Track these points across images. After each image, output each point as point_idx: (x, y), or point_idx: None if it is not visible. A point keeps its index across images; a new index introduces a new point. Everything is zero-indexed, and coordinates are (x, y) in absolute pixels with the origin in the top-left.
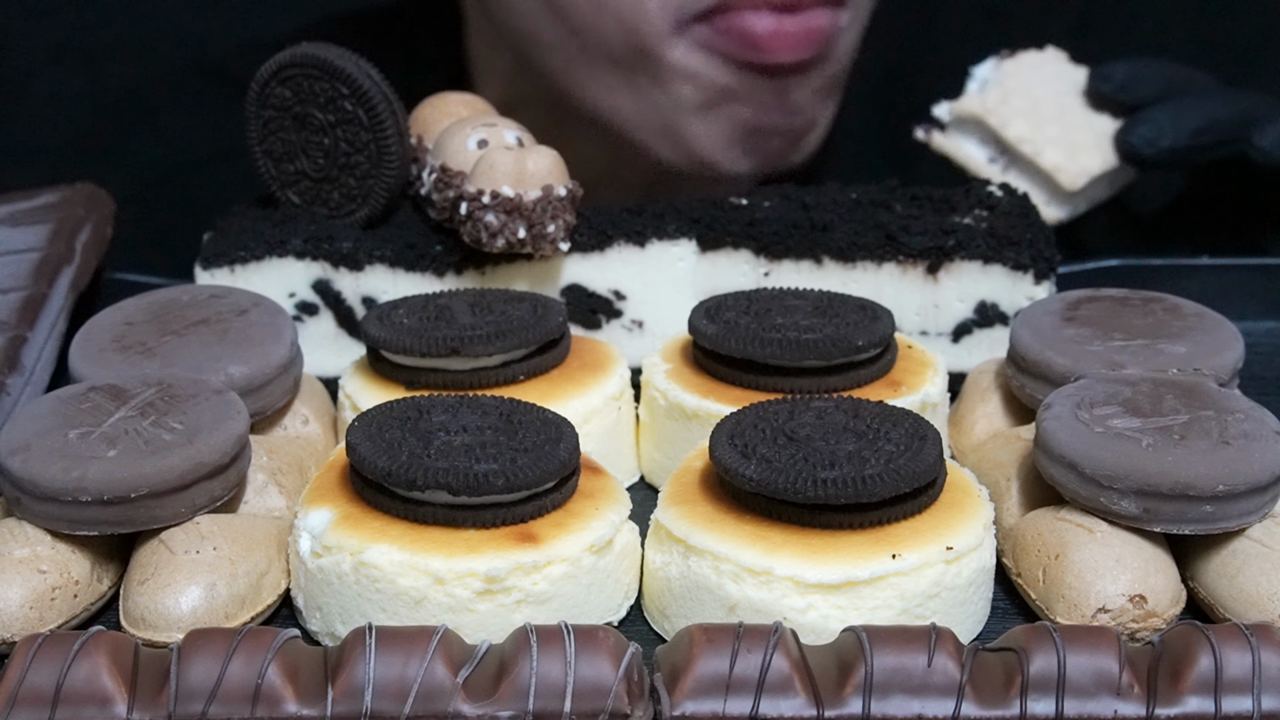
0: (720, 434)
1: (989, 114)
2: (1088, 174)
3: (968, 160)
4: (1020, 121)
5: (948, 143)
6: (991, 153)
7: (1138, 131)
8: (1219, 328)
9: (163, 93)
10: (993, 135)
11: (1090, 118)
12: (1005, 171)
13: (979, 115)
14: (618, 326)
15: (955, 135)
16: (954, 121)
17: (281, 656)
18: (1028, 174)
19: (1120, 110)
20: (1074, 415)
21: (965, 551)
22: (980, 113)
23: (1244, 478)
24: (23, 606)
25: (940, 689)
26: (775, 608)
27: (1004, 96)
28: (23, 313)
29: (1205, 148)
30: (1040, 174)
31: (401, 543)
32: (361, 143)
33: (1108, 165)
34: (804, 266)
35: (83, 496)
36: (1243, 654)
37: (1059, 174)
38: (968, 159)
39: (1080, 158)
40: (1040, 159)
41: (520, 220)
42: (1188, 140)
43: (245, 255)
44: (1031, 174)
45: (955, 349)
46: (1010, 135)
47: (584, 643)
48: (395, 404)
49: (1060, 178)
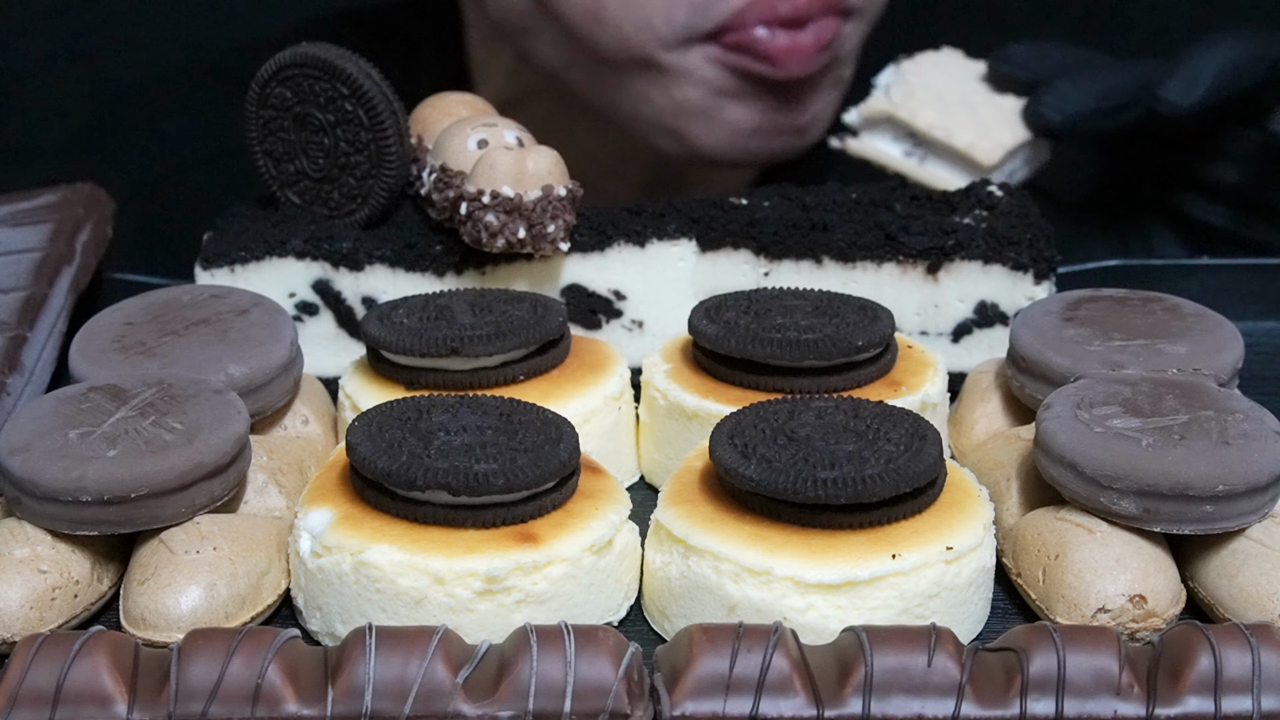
0: (720, 434)
1: (897, 109)
2: (1002, 147)
3: (885, 159)
4: (928, 110)
5: (863, 146)
6: (906, 147)
7: (1044, 101)
8: (1219, 328)
9: (163, 93)
10: (905, 129)
11: (995, 99)
12: (923, 163)
13: (888, 112)
14: (618, 326)
15: (868, 138)
16: (864, 124)
17: (281, 656)
18: (944, 159)
19: (1023, 89)
20: (1074, 415)
21: (965, 551)
22: (888, 109)
23: (1244, 478)
24: (23, 606)
25: (940, 689)
26: (775, 608)
27: (909, 92)
28: (23, 313)
29: (1112, 111)
30: (956, 156)
31: (401, 543)
32: (361, 143)
33: (1020, 138)
34: (804, 266)
35: (83, 496)
36: (1242, 654)
37: (974, 151)
38: (885, 158)
39: (992, 134)
40: (953, 140)
41: (520, 220)
42: (1094, 104)
43: (245, 255)
44: (948, 158)
45: (955, 349)
46: (921, 124)
47: (584, 643)
48: (395, 404)
49: (976, 155)
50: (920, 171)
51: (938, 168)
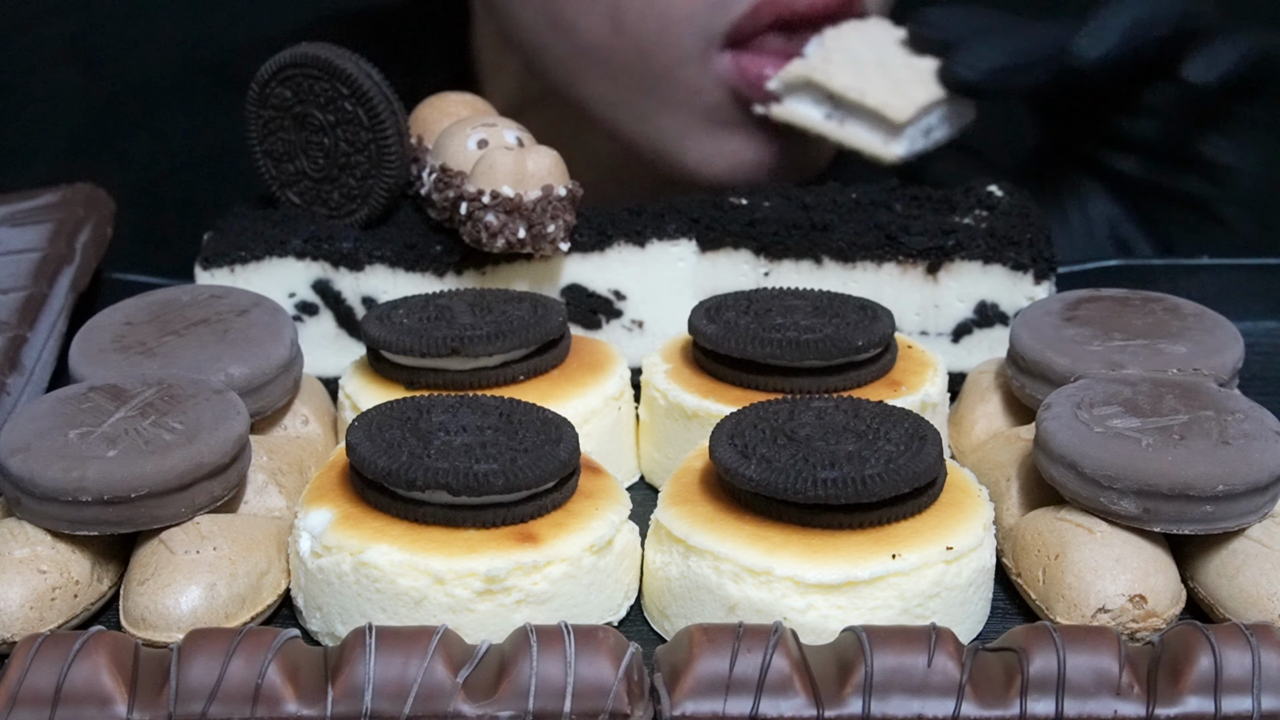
0: (720, 434)
1: (814, 72)
2: (915, 104)
3: (807, 123)
4: (843, 73)
5: (785, 111)
6: (826, 110)
7: (959, 60)
8: (1219, 328)
9: (164, 93)
10: (824, 92)
11: (911, 61)
12: (842, 124)
13: (805, 76)
14: (618, 326)
15: (790, 103)
16: (785, 89)
17: (281, 656)
18: (862, 119)
19: (940, 50)
20: (1074, 415)
21: (965, 551)
22: (806, 73)
23: (1244, 478)
24: (23, 606)
25: (940, 689)
26: (775, 608)
27: (827, 56)
28: (23, 313)
29: (1025, 67)
30: (871, 115)
31: (401, 543)
32: (361, 143)
33: (934, 96)
34: (804, 266)
35: (83, 496)
36: (1242, 654)
37: (886, 109)
38: (806, 122)
39: (905, 92)
40: (866, 100)
41: (520, 220)
42: (1007, 61)
43: (245, 255)
44: (864, 118)
45: (955, 349)
46: (836, 86)
47: (584, 643)
48: (395, 404)
49: (888, 112)
50: (841, 133)
51: (856, 128)
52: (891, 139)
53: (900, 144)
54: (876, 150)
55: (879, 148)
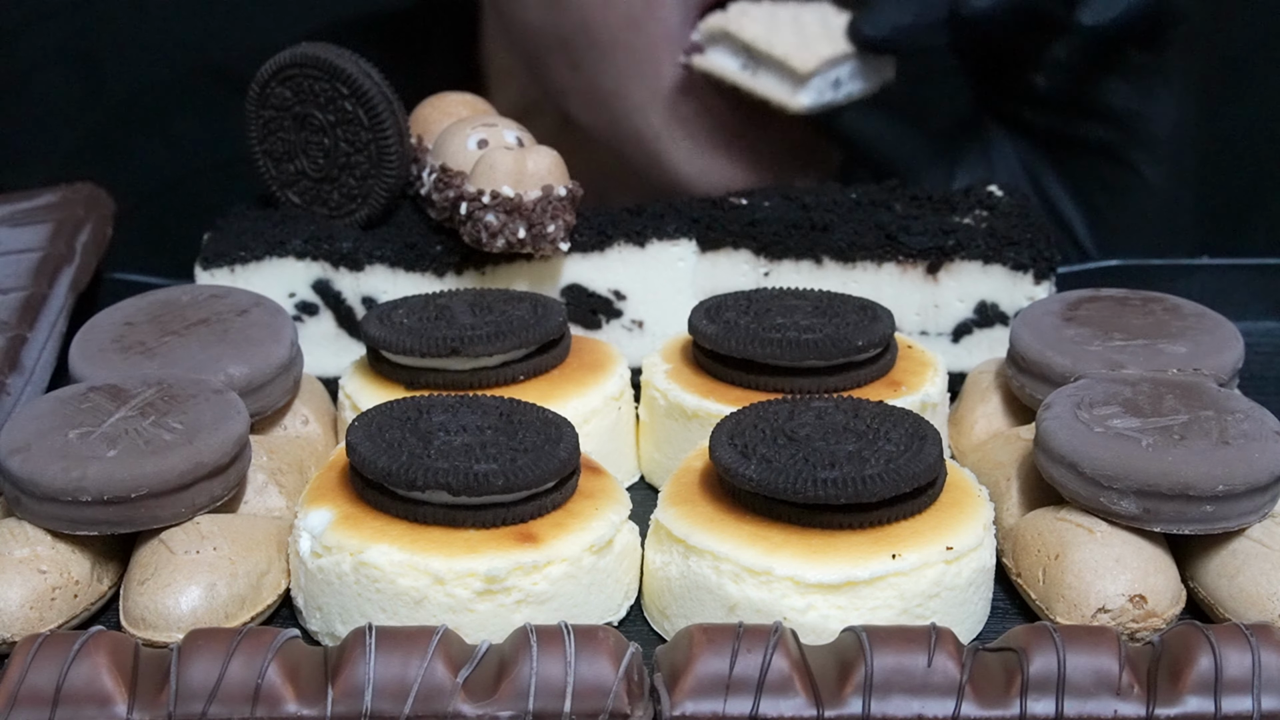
0: (720, 434)
1: (730, 23)
2: (819, 57)
3: (725, 73)
4: (755, 25)
5: (706, 61)
6: (742, 60)
7: (864, 17)
8: (1219, 328)
9: (165, 94)
10: (739, 44)
11: (826, 17)
12: (755, 75)
13: (724, 28)
14: (618, 326)
15: (711, 54)
16: (706, 40)
17: (281, 656)
18: (772, 70)
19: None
20: (1074, 415)
21: (965, 551)
22: (723, 24)
23: (1244, 478)
24: (23, 606)
25: (940, 689)
26: (775, 608)
27: (744, 9)
28: (23, 313)
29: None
30: (779, 65)
31: (401, 543)
32: (361, 143)
33: (839, 50)
34: (804, 266)
35: (83, 496)
36: (1243, 654)
37: (791, 60)
38: (725, 72)
39: (811, 45)
40: (774, 50)
41: (520, 220)
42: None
43: (245, 255)
44: (774, 68)
45: (955, 349)
46: (748, 37)
47: (584, 643)
48: (395, 404)
49: (793, 62)
50: (753, 83)
51: (767, 78)
52: (799, 89)
53: (806, 94)
54: (784, 99)
55: (786, 97)
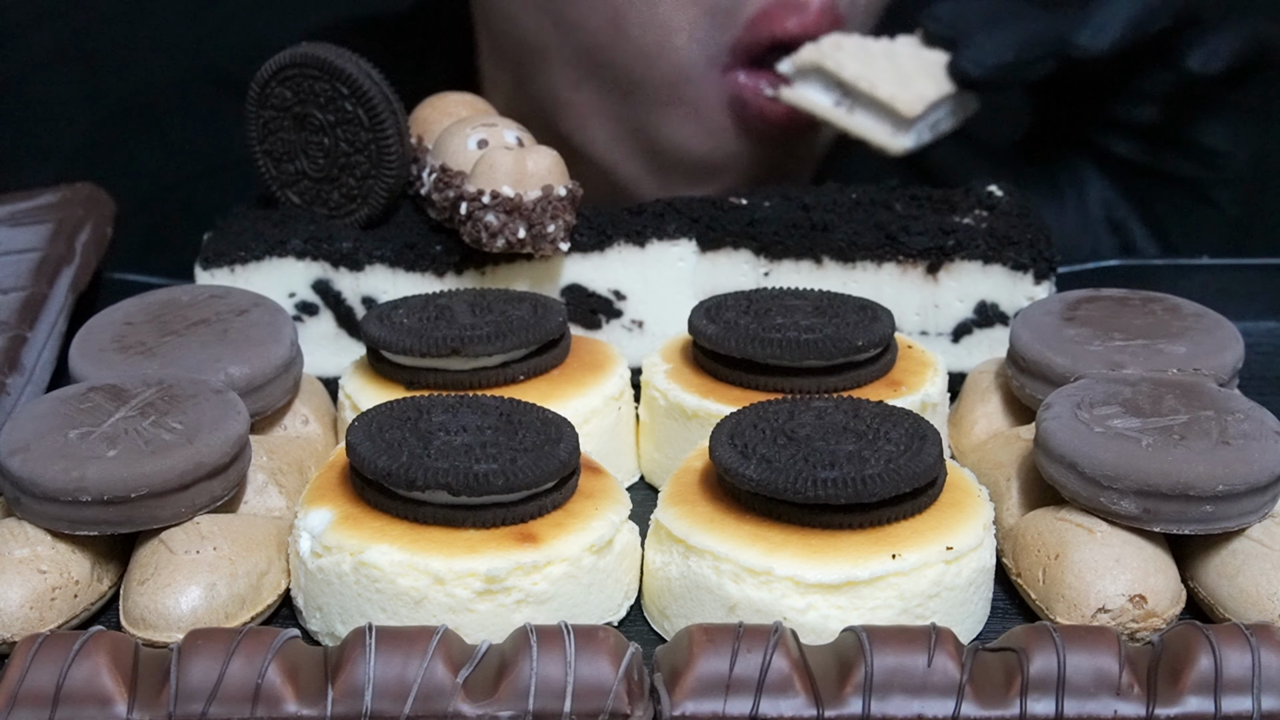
0: (720, 434)
1: (825, 59)
2: (924, 99)
3: (815, 108)
4: (854, 62)
5: (795, 95)
6: (836, 97)
7: (964, 55)
8: (1219, 328)
9: (166, 95)
10: (834, 80)
11: (920, 53)
12: (851, 113)
13: (816, 62)
14: (618, 326)
15: (800, 87)
16: (796, 73)
17: (281, 656)
18: (871, 110)
19: (947, 44)
20: (1074, 415)
21: (965, 551)
22: (817, 59)
23: (1244, 478)
24: (23, 606)
25: (940, 689)
26: (775, 608)
27: (838, 43)
28: (23, 313)
29: (1032, 62)
30: (880, 106)
31: (401, 543)
32: (361, 143)
33: (942, 91)
34: (804, 266)
35: (83, 496)
36: (1243, 654)
37: (896, 102)
38: (815, 107)
39: (914, 85)
40: (877, 91)
41: (520, 220)
42: (1011, 56)
43: (245, 255)
44: (874, 109)
45: (955, 349)
46: (847, 75)
47: (584, 643)
48: (395, 404)
49: (898, 105)
50: (848, 121)
51: (864, 118)
52: (900, 132)
53: (908, 137)
54: (883, 141)
55: (885, 139)
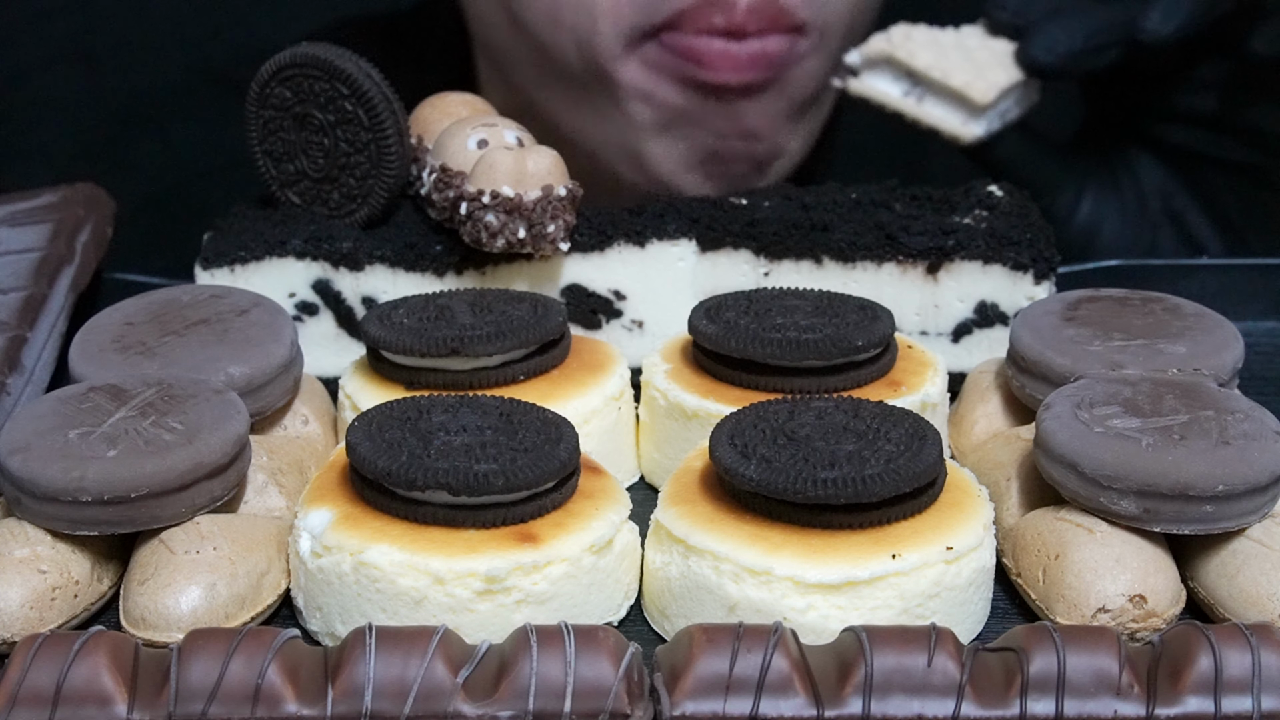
0: (720, 434)
1: (896, 49)
2: (996, 87)
3: (885, 99)
4: (925, 51)
5: (863, 86)
6: (905, 87)
7: (1036, 43)
8: (1219, 328)
9: (166, 95)
10: (904, 69)
11: (988, 42)
12: (920, 102)
13: (887, 53)
14: (618, 326)
15: (868, 77)
16: (865, 64)
17: (281, 656)
18: (942, 99)
19: (1015, 33)
20: (1074, 415)
21: (965, 551)
22: (888, 49)
23: (1244, 478)
24: (23, 606)
25: (940, 689)
26: (775, 608)
27: (907, 34)
28: (23, 313)
29: (1100, 49)
30: (953, 95)
31: (401, 543)
32: (361, 143)
33: (1013, 79)
34: (804, 266)
35: (83, 496)
36: (1242, 654)
37: (970, 90)
38: (884, 97)
39: (986, 74)
40: (950, 80)
41: (520, 220)
42: (1081, 44)
43: (245, 255)
44: (945, 98)
45: (955, 349)
46: (919, 65)
47: (584, 643)
48: (395, 404)
49: (971, 93)
50: (918, 110)
51: (935, 107)
52: (971, 120)
53: (980, 125)
54: (954, 129)
55: (957, 127)
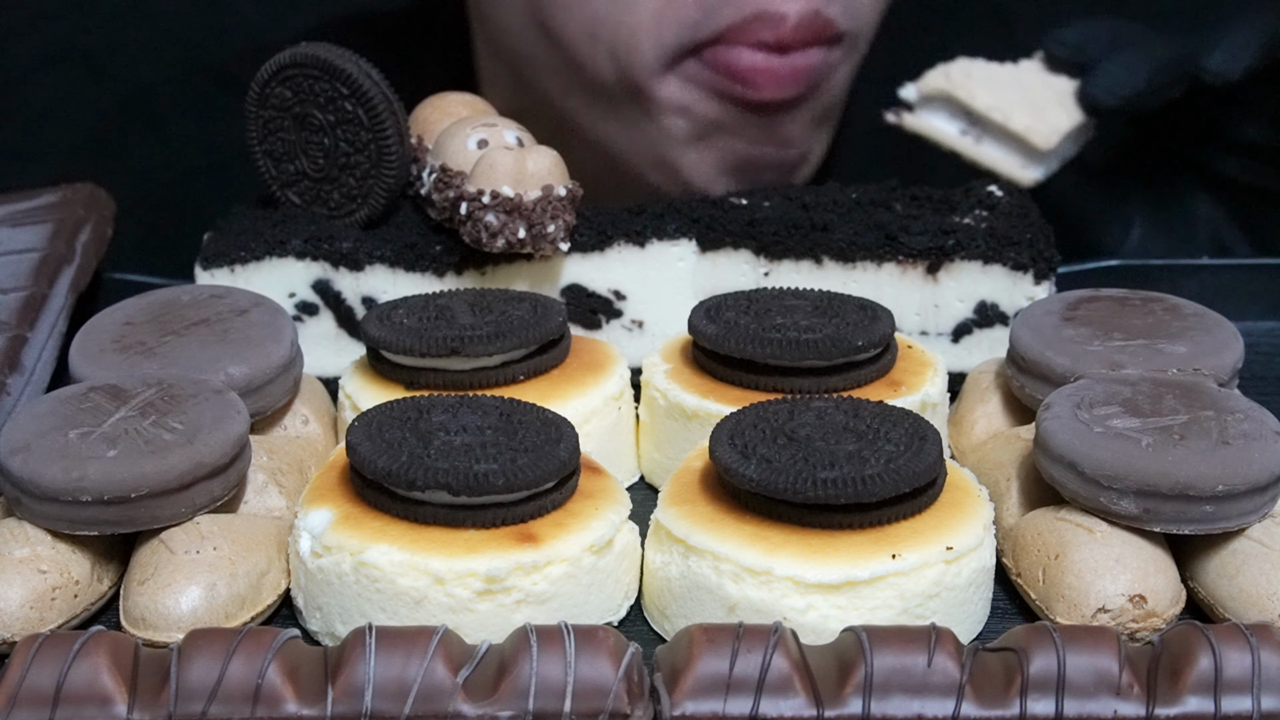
0: (720, 434)
1: (955, 88)
2: (1058, 131)
3: (940, 136)
4: (985, 91)
5: (918, 122)
6: (962, 125)
7: (1098, 84)
8: (1219, 328)
9: (166, 95)
10: (961, 108)
11: (1048, 79)
12: (978, 142)
13: (945, 91)
14: (618, 326)
15: (924, 114)
16: (922, 100)
17: (281, 656)
18: (999, 140)
19: (1074, 71)
20: (1074, 415)
21: (965, 551)
22: (947, 88)
23: (1244, 478)
24: (23, 606)
25: (940, 689)
26: (775, 608)
27: (966, 70)
28: (23, 313)
29: (1162, 88)
30: (1012, 138)
31: (401, 543)
32: (361, 143)
33: (1075, 121)
34: (804, 266)
35: (83, 496)
36: (1242, 654)
37: (1032, 134)
38: (940, 135)
39: (1048, 117)
40: (1011, 123)
41: (520, 220)
42: (1143, 84)
43: (245, 255)
44: (1003, 140)
45: (955, 349)
46: (979, 105)
47: (584, 643)
48: (395, 404)
49: (1033, 138)
50: (975, 151)
51: (993, 148)
52: (1031, 164)
53: (1039, 169)
54: (1012, 173)
55: (1015, 171)
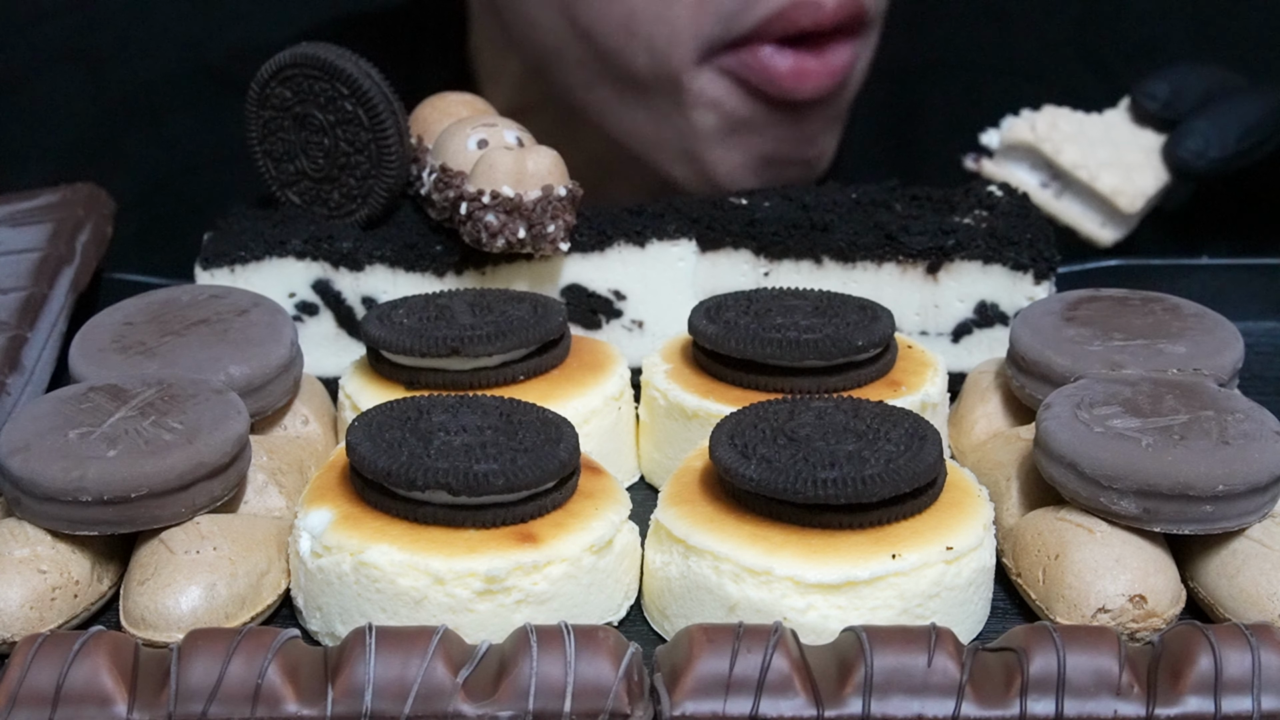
0: (720, 434)
1: (1041, 141)
2: (1144, 195)
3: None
4: (1072, 147)
5: (998, 170)
6: (1043, 178)
7: (1185, 145)
8: (1219, 328)
9: (165, 95)
10: (1044, 161)
11: (1136, 134)
12: (1059, 197)
13: (1030, 143)
14: (618, 326)
15: (1005, 162)
16: (1004, 149)
17: (281, 656)
18: (1082, 198)
19: (1163, 126)
20: (1074, 415)
21: (965, 551)
22: (1032, 140)
23: (1244, 478)
24: (23, 606)
25: (940, 689)
26: (775, 608)
27: (1053, 122)
28: (23, 313)
29: (1251, 149)
30: (1096, 197)
31: (401, 543)
32: (361, 143)
33: (1161, 183)
34: (804, 266)
35: (83, 496)
36: (1242, 654)
37: (1118, 198)
38: (1019, 185)
39: (1135, 179)
40: (1097, 184)
41: (520, 220)
42: (1234, 147)
43: (245, 255)
44: (1086, 198)
45: (955, 349)
46: (1065, 162)
47: (584, 643)
48: (395, 404)
49: (1119, 201)
50: (1054, 205)
51: (1074, 205)
52: (1111, 224)
53: (1119, 230)
54: (1091, 232)
55: (1094, 230)
